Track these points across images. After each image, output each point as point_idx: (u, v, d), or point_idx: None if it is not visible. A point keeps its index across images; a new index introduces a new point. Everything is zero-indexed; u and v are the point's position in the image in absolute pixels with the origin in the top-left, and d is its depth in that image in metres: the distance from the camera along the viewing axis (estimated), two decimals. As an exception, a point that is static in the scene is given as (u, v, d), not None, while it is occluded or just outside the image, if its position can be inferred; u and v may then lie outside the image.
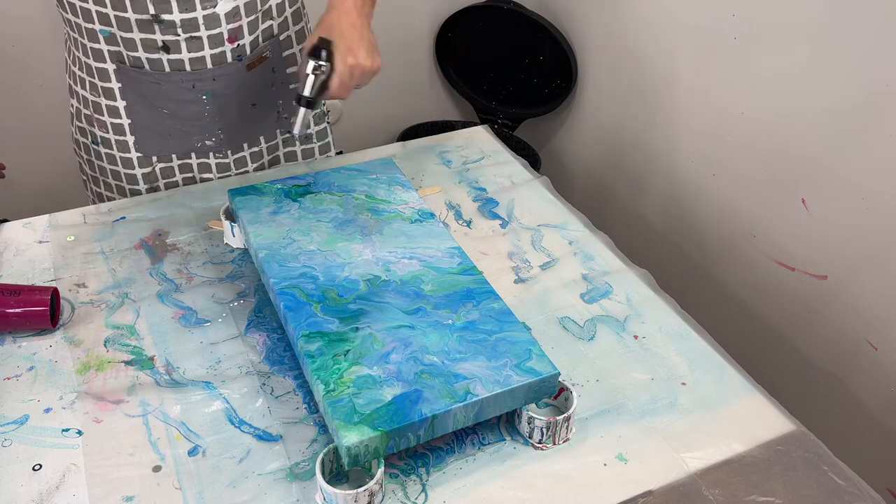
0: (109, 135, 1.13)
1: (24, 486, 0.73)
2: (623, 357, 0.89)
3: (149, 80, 1.07)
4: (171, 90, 1.09)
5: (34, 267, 0.99)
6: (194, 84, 1.09)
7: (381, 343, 0.79)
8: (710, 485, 0.75)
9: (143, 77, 1.07)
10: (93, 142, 1.15)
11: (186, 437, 0.78)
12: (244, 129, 1.18)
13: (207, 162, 1.18)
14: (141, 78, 1.07)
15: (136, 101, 1.10)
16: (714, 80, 1.40)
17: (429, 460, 0.77)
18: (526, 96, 1.91)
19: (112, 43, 1.04)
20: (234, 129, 1.17)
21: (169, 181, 1.17)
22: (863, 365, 1.23)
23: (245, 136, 1.19)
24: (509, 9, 1.81)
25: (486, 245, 1.06)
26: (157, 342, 0.88)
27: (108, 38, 1.04)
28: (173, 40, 1.04)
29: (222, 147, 1.17)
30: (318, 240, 0.94)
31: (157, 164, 1.15)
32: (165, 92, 1.09)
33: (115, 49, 1.05)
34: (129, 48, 1.04)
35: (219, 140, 1.16)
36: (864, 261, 1.19)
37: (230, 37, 1.07)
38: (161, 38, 1.03)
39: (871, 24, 1.09)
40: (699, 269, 1.54)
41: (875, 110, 1.11)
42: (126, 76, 1.08)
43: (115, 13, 1.01)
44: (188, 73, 1.07)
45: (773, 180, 1.32)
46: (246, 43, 1.09)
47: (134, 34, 1.03)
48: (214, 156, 1.17)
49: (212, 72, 1.09)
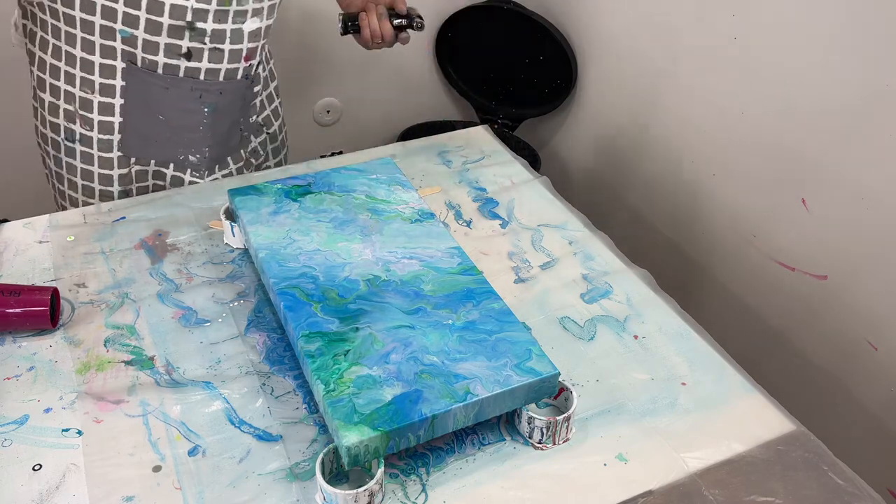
0: (93, 132, 1.11)
1: (24, 486, 0.73)
2: (623, 357, 0.89)
3: (158, 82, 1.08)
4: (176, 96, 1.09)
5: (34, 267, 0.99)
6: (201, 94, 1.10)
7: (381, 343, 0.79)
8: (710, 485, 0.75)
9: (153, 79, 1.07)
10: (67, 138, 1.12)
11: (186, 437, 0.78)
12: (227, 150, 1.20)
13: (182, 176, 1.18)
14: (150, 80, 1.07)
15: (134, 102, 1.10)
16: (714, 80, 1.40)
17: (429, 460, 0.77)
18: (526, 96, 1.91)
19: (130, 44, 1.04)
20: (220, 147, 1.18)
21: (141, 185, 1.17)
22: (863, 365, 1.23)
23: (225, 156, 1.20)
24: (509, 9, 1.81)
25: (486, 245, 1.06)
26: (157, 342, 0.88)
27: (127, 39, 1.04)
28: (198, 48, 1.06)
29: (202, 166, 1.18)
30: (318, 240, 0.94)
31: (134, 167, 1.15)
32: (170, 97, 1.09)
33: (130, 50, 1.05)
34: (149, 51, 1.05)
35: (202, 157, 1.17)
36: (864, 261, 1.19)
37: (247, 55, 1.10)
38: (187, 45, 1.05)
39: (872, 24, 1.09)
40: (699, 269, 1.54)
41: (875, 110, 1.11)
42: (134, 76, 1.07)
43: (147, 16, 1.01)
44: (199, 82, 1.09)
45: (773, 180, 1.32)
46: (254, 63, 1.12)
47: (161, 38, 1.03)
48: (191, 173, 1.18)
49: (221, 85, 1.10)
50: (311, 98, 1.89)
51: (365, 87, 1.94)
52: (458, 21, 1.89)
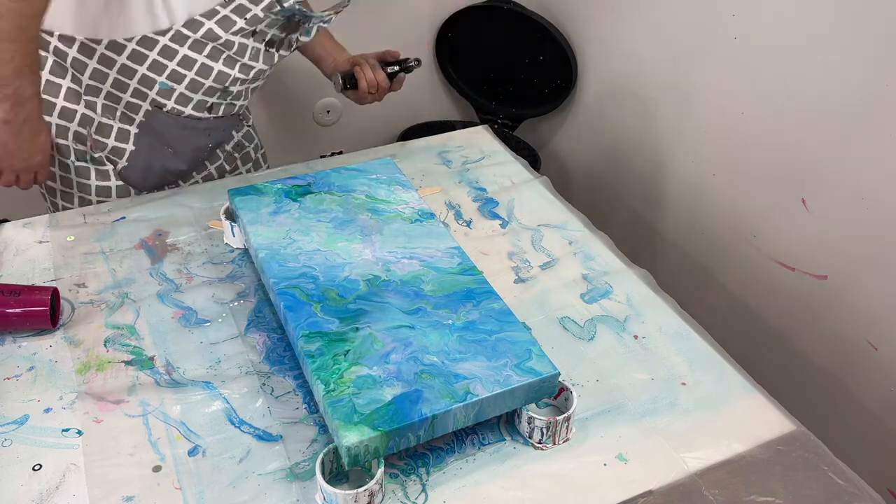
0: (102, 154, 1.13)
1: (24, 486, 0.73)
2: (623, 357, 0.89)
3: (177, 124, 1.12)
4: (189, 135, 1.15)
5: (34, 267, 0.99)
6: (210, 133, 1.17)
7: (381, 343, 0.79)
8: (710, 485, 0.75)
9: (173, 122, 1.11)
10: (78, 158, 1.12)
11: (186, 437, 0.78)
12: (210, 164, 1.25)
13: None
14: (170, 122, 1.11)
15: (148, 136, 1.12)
16: (714, 80, 1.40)
17: (429, 460, 0.77)
18: (526, 96, 1.91)
19: (164, 96, 1.08)
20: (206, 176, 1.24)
21: None
22: (863, 365, 1.23)
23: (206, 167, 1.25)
24: (509, 9, 1.81)
25: (486, 245, 1.06)
26: (157, 342, 0.88)
27: (163, 92, 1.07)
28: (219, 103, 1.13)
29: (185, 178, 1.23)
30: (318, 240, 0.94)
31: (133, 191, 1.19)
32: (184, 135, 1.14)
33: (162, 100, 1.08)
34: (180, 103, 1.09)
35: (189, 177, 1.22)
36: (864, 261, 1.19)
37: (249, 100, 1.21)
38: (213, 101, 1.12)
39: (872, 24, 1.09)
40: (699, 269, 1.54)
41: (875, 110, 1.11)
42: (156, 117, 1.11)
43: (194, 76, 1.07)
44: (210, 121, 1.15)
45: (774, 180, 1.32)
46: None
47: (196, 95, 1.09)
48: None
49: (224, 121, 1.18)
50: (311, 98, 1.89)
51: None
52: (458, 21, 1.89)
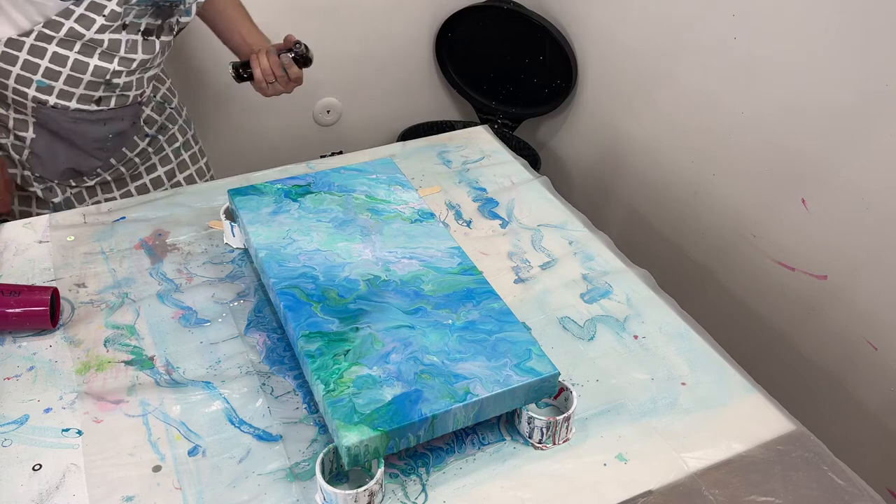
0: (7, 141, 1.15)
1: (24, 486, 0.73)
2: (623, 357, 0.89)
3: (66, 117, 1.13)
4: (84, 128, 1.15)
5: (34, 267, 0.99)
6: (105, 122, 1.17)
7: (381, 343, 0.79)
8: (710, 485, 0.75)
9: (61, 116, 1.12)
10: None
11: (186, 437, 0.78)
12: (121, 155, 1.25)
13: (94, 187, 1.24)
14: (58, 116, 1.12)
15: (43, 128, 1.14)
16: (714, 80, 1.40)
17: (429, 460, 0.77)
18: (526, 96, 1.91)
19: (45, 93, 1.09)
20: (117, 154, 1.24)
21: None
22: (863, 365, 1.23)
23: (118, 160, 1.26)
24: (509, 9, 1.81)
25: (486, 245, 1.06)
26: (157, 342, 0.88)
27: (42, 89, 1.08)
28: (107, 96, 1.14)
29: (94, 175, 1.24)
30: (318, 240, 0.94)
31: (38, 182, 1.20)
32: (79, 128, 1.15)
33: (43, 97, 1.09)
34: (63, 98, 1.10)
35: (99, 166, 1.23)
36: (864, 261, 1.19)
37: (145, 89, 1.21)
38: (99, 94, 1.12)
39: (872, 24, 1.09)
40: (699, 269, 1.54)
41: (875, 110, 1.11)
42: (41, 112, 1.11)
43: (69, 72, 1.07)
44: (104, 112, 1.16)
45: (773, 180, 1.32)
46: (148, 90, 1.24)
47: (77, 90, 1.10)
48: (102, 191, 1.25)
49: (122, 111, 1.18)
50: (311, 98, 1.89)
51: (365, 87, 1.93)
52: (458, 21, 1.89)
